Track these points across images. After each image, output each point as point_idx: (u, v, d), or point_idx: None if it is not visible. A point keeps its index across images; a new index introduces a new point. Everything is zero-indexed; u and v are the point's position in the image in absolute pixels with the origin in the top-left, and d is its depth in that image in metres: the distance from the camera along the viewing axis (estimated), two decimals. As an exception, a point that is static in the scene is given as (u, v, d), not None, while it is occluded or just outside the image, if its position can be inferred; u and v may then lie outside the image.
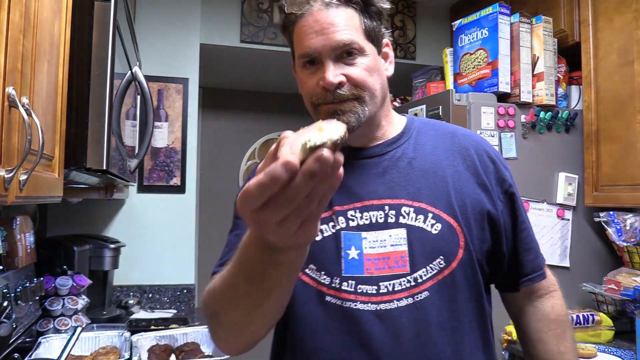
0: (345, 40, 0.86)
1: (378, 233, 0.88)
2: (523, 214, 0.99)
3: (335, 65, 0.87)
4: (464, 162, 0.95)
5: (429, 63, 3.02)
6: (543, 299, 1.02)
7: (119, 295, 2.41)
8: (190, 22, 2.61)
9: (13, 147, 0.79)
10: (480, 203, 0.92)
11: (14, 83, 0.78)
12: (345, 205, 0.91)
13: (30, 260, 1.67)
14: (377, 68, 0.91)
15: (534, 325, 1.00)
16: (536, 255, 1.00)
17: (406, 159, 0.94)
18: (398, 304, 0.85)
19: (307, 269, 0.89)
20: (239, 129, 3.97)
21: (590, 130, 2.05)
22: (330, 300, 0.87)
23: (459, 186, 0.92)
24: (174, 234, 2.54)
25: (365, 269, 0.87)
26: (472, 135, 1.02)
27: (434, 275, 0.87)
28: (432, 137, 0.98)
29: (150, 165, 2.52)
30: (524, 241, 0.98)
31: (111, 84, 1.21)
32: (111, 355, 1.57)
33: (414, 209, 0.89)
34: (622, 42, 1.91)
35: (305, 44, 0.88)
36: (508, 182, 0.97)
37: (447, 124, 1.05)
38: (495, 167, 0.97)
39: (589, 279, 2.06)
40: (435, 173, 0.93)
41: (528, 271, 0.98)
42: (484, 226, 0.92)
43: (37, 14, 0.91)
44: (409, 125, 1.00)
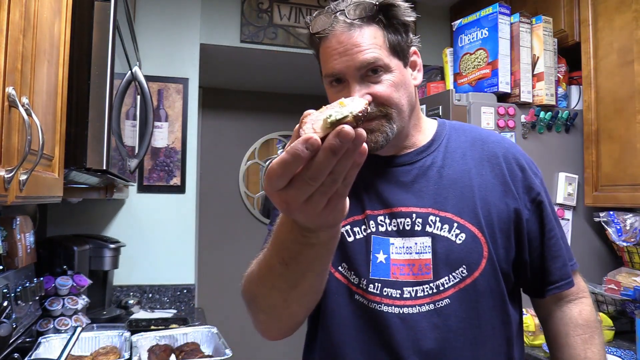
0: (370, 59, 0.87)
1: (405, 240, 0.91)
2: (552, 222, 0.98)
3: (360, 85, 0.88)
4: (492, 170, 0.96)
5: (429, 63, 3.02)
6: (572, 304, 1.02)
7: (119, 295, 2.41)
8: (190, 22, 2.61)
9: (13, 147, 0.79)
10: (507, 213, 0.93)
11: (14, 83, 0.78)
12: (376, 210, 0.93)
13: (30, 260, 1.67)
14: (403, 82, 0.91)
15: (561, 329, 1.00)
16: (564, 263, 0.99)
17: (435, 167, 0.95)
18: (420, 309, 0.88)
19: (340, 267, 0.93)
20: (239, 129, 3.97)
21: (590, 130, 2.05)
22: (358, 299, 0.91)
23: (486, 196, 0.93)
24: (174, 234, 2.54)
25: (392, 273, 0.90)
26: (503, 141, 1.02)
27: (456, 284, 0.89)
28: (462, 144, 0.99)
29: (150, 165, 2.52)
30: (552, 249, 0.98)
31: (111, 84, 1.21)
32: (111, 355, 1.57)
33: (440, 218, 0.91)
34: (622, 42, 1.91)
35: (330, 64, 0.89)
36: (536, 191, 0.97)
37: (480, 129, 1.05)
38: (523, 175, 0.97)
39: (589, 279, 2.05)
40: (463, 182, 0.94)
41: (555, 279, 0.98)
42: (509, 235, 0.93)
43: (37, 14, 0.91)
44: (439, 131, 1.01)
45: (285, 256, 0.68)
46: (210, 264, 3.67)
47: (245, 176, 3.97)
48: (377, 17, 0.89)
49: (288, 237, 0.65)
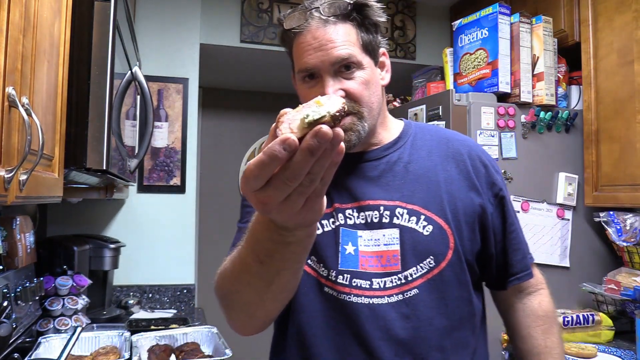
0: (344, 55, 0.89)
1: (373, 232, 0.93)
2: (512, 216, 1.03)
3: (333, 80, 0.90)
4: (457, 166, 0.99)
5: (429, 63, 3.02)
6: (531, 296, 1.07)
7: (119, 295, 2.41)
8: (190, 22, 2.61)
9: (13, 147, 0.79)
10: (472, 206, 0.97)
11: (14, 83, 0.78)
12: (344, 204, 0.95)
13: (30, 260, 1.67)
14: (374, 80, 0.94)
15: (522, 321, 1.05)
16: (524, 256, 1.04)
17: (402, 163, 0.98)
18: (389, 299, 0.91)
19: (309, 260, 0.94)
20: (239, 129, 3.97)
21: (590, 130, 2.05)
22: (327, 291, 0.93)
23: (452, 190, 0.97)
24: (174, 234, 2.54)
25: (360, 265, 0.92)
26: (467, 140, 1.06)
27: (424, 274, 0.92)
28: (428, 142, 1.02)
29: (150, 165, 2.52)
30: (513, 242, 1.02)
31: (111, 84, 1.21)
32: (111, 355, 1.57)
33: (407, 210, 0.94)
34: (622, 42, 1.91)
35: (304, 60, 0.91)
36: (498, 186, 1.01)
37: (444, 129, 1.10)
38: (486, 171, 1.01)
39: (589, 279, 2.06)
40: (429, 177, 0.97)
41: (516, 271, 1.03)
42: (474, 228, 0.97)
43: (37, 14, 0.91)
44: (405, 129, 1.04)
45: (261, 254, 0.67)
46: (210, 264, 3.66)
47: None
48: (351, 16, 0.91)
49: (264, 236, 0.64)
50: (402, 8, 3.06)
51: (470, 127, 2.01)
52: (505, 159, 2.03)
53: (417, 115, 2.23)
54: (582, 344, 1.78)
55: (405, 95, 2.92)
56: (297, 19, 0.92)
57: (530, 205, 2.04)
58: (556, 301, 1.84)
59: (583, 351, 1.69)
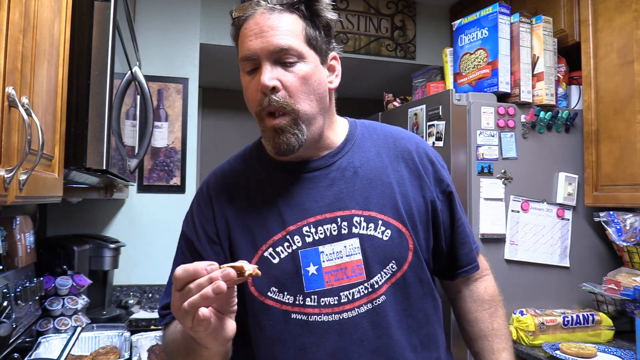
0: (283, 45, 0.86)
1: (334, 245, 0.92)
2: (459, 211, 1.04)
3: (272, 69, 0.87)
4: (407, 165, 0.99)
5: (429, 63, 3.02)
6: (477, 282, 1.10)
7: (119, 295, 2.41)
8: (190, 22, 2.61)
9: (13, 147, 0.79)
10: (424, 205, 0.97)
11: (14, 83, 0.78)
12: (299, 222, 0.93)
13: (30, 260, 1.67)
14: (316, 78, 0.90)
15: (469, 305, 1.08)
16: (470, 249, 1.06)
17: (352, 168, 0.96)
18: (359, 310, 0.90)
19: (270, 292, 0.92)
20: (239, 129, 3.97)
21: (590, 130, 2.05)
22: (295, 317, 0.91)
23: (404, 191, 0.96)
24: (174, 233, 2.51)
25: (326, 282, 0.91)
26: (413, 137, 1.05)
27: (388, 279, 0.92)
28: (375, 142, 1.01)
29: (150, 165, 2.52)
30: (460, 236, 1.04)
31: (111, 84, 1.21)
32: (111, 355, 1.57)
33: (364, 218, 0.93)
34: (622, 42, 1.91)
35: (245, 46, 0.89)
36: (446, 182, 1.01)
37: (388, 127, 1.06)
38: (433, 168, 1.01)
39: (588, 279, 2.06)
40: (382, 180, 0.96)
41: (464, 264, 1.06)
42: (428, 226, 0.98)
43: (37, 14, 0.91)
44: (351, 131, 1.02)
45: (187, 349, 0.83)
46: (210, 264, 3.66)
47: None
48: (298, 7, 0.89)
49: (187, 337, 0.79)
50: (402, 8, 3.06)
51: (470, 127, 2.01)
52: (505, 159, 2.03)
53: (417, 115, 2.23)
54: (582, 344, 1.78)
55: (405, 95, 2.92)
56: (245, 7, 0.91)
57: (530, 205, 2.04)
58: (556, 301, 1.86)
59: (583, 351, 1.69)
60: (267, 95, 0.87)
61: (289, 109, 0.88)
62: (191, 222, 1.00)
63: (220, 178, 1.03)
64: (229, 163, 1.07)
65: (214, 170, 1.06)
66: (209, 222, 0.98)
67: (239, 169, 1.03)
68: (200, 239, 0.98)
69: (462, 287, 1.09)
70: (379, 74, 3.42)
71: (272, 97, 0.87)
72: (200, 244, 0.98)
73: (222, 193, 1.00)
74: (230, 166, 1.05)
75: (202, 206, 1.00)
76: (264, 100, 0.87)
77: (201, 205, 1.00)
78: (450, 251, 1.04)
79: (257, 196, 0.97)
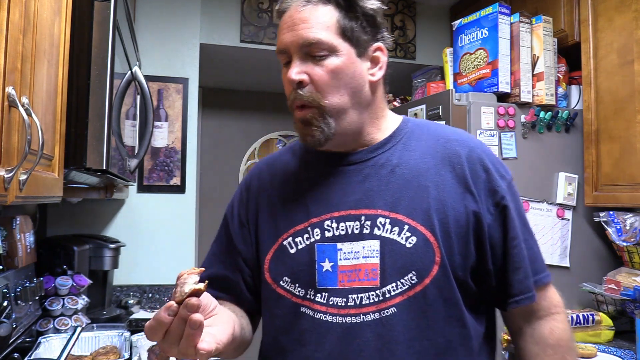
0: (311, 39, 0.84)
1: (353, 244, 0.87)
2: (516, 229, 0.90)
3: (302, 63, 0.86)
4: (453, 170, 0.89)
5: (429, 63, 3.02)
6: (542, 320, 0.93)
7: (119, 295, 2.41)
8: (190, 22, 2.61)
9: (13, 147, 0.79)
10: (465, 215, 0.86)
11: (14, 83, 0.78)
12: (322, 215, 0.89)
13: (30, 260, 1.67)
14: (350, 72, 0.86)
15: (530, 348, 0.92)
16: (526, 276, 0.90)
17: (389, 166, 0.90)
18: (364, 317, 0.84)
19: (282, 281, 0.90)
20: (239, 129, 3.97)
21: (590, 130, 2.05)
22: (304, 311, 0.88)
23: (442, 197, 0.87)
24: (174, 234, 2.54)
25: (339, 281, 0.86)
26: (468, 140, 0.94)
27: (404, 291, 0.83)
28: (423, 142, 0.93)
29: (150, 165, 2.52)
30: (514, 259, 0.89)
31: (111, 84, 1.21)
32: (111, 355, 1.57)
33: (390, 220, 0.86)
34: (622, 42, 1.91)
35: (279, 39, 0.89)
36: (501, 194, 0.89)
37: (444, 128, 0.99)
38: (487, 177, 0.90)
39: (588, 278, 2.06)
40: (418, 182, 0.88)
41: (515, 292, 0.89)
42: (467, 240, 0.86)
43: (37, 14, 0.91)
44: (400, 128, 0.95)
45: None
46: (210, 264, 3.66)
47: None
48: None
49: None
50: (402, 8, 3.06)
51: (470, 127, 2.01)
52: (505, 158, 2.03)
53: (417, 115, 2.23)
54: (582, 343, 1.78)
55: (405, 95, 2.92)
56: (283, 1, 0.90)
57: (530, 205, 2.04)
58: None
59: (583, 351, 1.69)
60: (295, 89, 0.86)
61: (315, 103, 0.86)
62: (230, 204, 1.04)
63: (263, 165, 1.04)
64: (278, 152, 1.06)
65: (264, 157, 1.08)
66: (243, 205, 1.01)
67: (282, 158, 1.02)
68: (233, 221, 1.01)
69: (522, 323, 0.93)
70: (379, 74, 3.42)
71: (299, 91, 0.86)
72: (232, 226, 1.00)
73: (260, 179, 1.01)
74: (276, 155, 1.05)
75: (241, 190, 1.03)
76: (292, 94, 0.87)
77: (241, 189, 1.04)
78: (502, 275, 0.89)
79: (290, 185, 0.96)
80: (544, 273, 0.93)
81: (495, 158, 0.94)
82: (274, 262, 0.92)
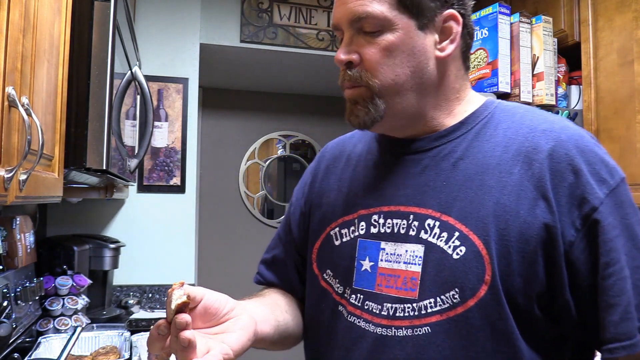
0: (360, 13, 0.73)
1: (397, 245, 0.75)
2: (616, 253, 0.66)
3: (353, 40, 0.76)
4: (529, 168, 0.70)
5: (429, 63, 3.02)
6: None
7: (119, 295, 2.41)
8: (190, 22, 2.61)
9: (13, 147, 0.79)
10: (534, 227, 0.67)
11: (14, 83, 0.78)
12: (371, 208, 0.80)
13: (30, 260, 1.67)
14: (407, 47, 0.74)
15: None
16: (626, 316, 0.64)
17: (452, 158, 0.76)
18: (396, 332, 0.72)
19: (325, 274, 0.84)
20: (239, 129, 3.97)
21: (590, 130, 2.05)
22: (341, 310, 0.80)
23: (507, 201, 0.69)
24: (174, 234, 2.54)
25: (376, 285, 0.76)
26: (562, 131, 0.73)
27: (443, 310, 0.69)
28: (502, 131, 0.76)
29: (150, 165, 2.52)
30: (608, 292, 0.65)
31: (111, 84, 1.21)
32: (111, 355, 1.57)
33: (439, 223, 0.72)
34: (622, 42, 1.91)
35: (332, 14, 0.79)
36: (592, 204, 0.67)
37: (539, 115, 0.78)
38: (576, 180, 0.68)
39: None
40: (482, 180, 0.72)
41: (608, 337, 0.65)
42: (534, 260, 0.67)
43: (36, 13, 0.91)
44: (477, 113, 0.79)
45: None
46: (210, 264, 3.67)
47: (245, 176, 3.97)
48: None
49: None
50: (402, 8, 3.05)
51: (470, 127, 2.00)
52: (505, 159, 2.03)
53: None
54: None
55: (405, 95, 2.92)
56: None
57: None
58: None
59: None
60: (344, 69, 0.77)
61: (364, 82, 0.75)
62: (297, 185, 0.98)
63: (331, 147, 0.97)
64: (351, 133, 0.96)
65: (341, 136, 0.99)
66: (304, 187, 0.95)
67: (351, 142, 0.94)
68: (294, 203, 0.96)
69: None
70: (379, 74, 3.42)
71: (347, 72, 0.77)
72: (292, 207, 0.96)
73: (325, 162, 0.94)
74: (348, 135, 0.97)
75: (308, 171, 0.98)
76: (341, 74, 0.78)
77: (308, 169, 0.98)
78: (590, 313, 0.67)
79: (349, 171, 0.88)
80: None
81: (597, 157, 0.71)
82: (321, 252, 0.86)
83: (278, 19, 2.82)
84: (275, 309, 0.85)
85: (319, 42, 2.88)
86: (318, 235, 0.87)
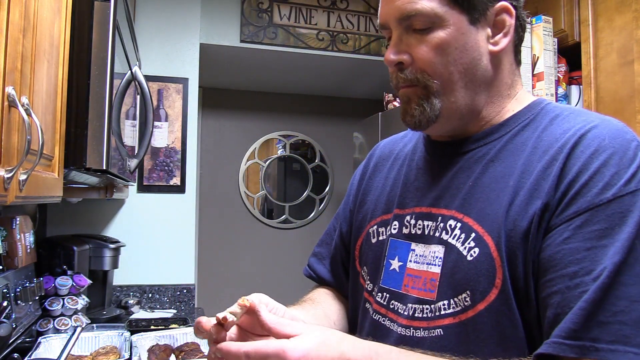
0: (409, 10, 0.70)
1: (425, 247, 0.74)
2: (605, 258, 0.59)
3: (402, 39, 0.73)
4: (548, 167, 0.66)
5: (429, 63, 3.02)
6: None
7: (119, 295, 2.41)
8: (190, 22, 2.61)
9: (13, 147, 0.79)
10: (528, 224, 0.65)
11: (14, 83, 0.78)
12: (406, 208, 0.80)
13: (30, 260, 1.67)
14: (459, 44, 0.71)
15: None
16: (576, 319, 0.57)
17: (484, 160, 0.74)
18: (415, 332, 0.71)
19: (363, 271, 0.86)
20: (239, 129, 3.98)
21: (590, 130, 2.05)
22: (368, 307, 0.81)
23: (519, 202, 0.66)
24: (174, 234, 2.54)
25: (403, 285, 0.75)
26: (596, 127, 0.66)
27: (456, 313, 0.68)
28: (539, 133, 0.72)
29: (150, 165, 2.52)
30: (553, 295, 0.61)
31: (111, 84, 1.21)
32: (111, 355, 1.57)
33: (461, 224, 0.70)
34: (622, 42, 1.91)
35: (379, 13, 0.76)
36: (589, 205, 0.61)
37: (585, 115, 0.71)
38: (590, 178, 0.62)
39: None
40: (505, 182, 0.69)
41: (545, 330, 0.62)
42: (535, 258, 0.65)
43: (36, 13, 0.91)
44: (520, 114, 0.76)
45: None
46: (210, 264, 3.67)
47: (245, 176, 3.97)
48: None
49: None
50: (402, 8, 3.06)
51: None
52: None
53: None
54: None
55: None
56: None
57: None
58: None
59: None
60: (396, 71, 0.74)
61: (421, 83, 0.73)
62: (350, 181, 1.00)
63: (382, 146, 0.98)
64: (403, 132, 0.96)
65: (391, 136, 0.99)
66: (355, 183, 0.97)
67: (402, 141, 0.93)
68: (345, 200, 0.98)
69: None
70: (379, 74, 3.42)
71: (400, 74, 0.74)
72: (343, 204, 0.98)
73: (374, 160, 0.95)
74: (400, 135, 0.96)
75: (359, 168, 0.99)
76: (393, 76, 0.75)
77: (360, 166, 0.99)
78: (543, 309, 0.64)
79: (394, 171, 0.88)
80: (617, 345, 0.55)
81: (628, 158, 0.63)
82: (362, 249, 0.87)
83: (278, 19, 2.82)
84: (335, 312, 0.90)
85: (319, 42, 2.88)
86: (360, 232, 0.89)
